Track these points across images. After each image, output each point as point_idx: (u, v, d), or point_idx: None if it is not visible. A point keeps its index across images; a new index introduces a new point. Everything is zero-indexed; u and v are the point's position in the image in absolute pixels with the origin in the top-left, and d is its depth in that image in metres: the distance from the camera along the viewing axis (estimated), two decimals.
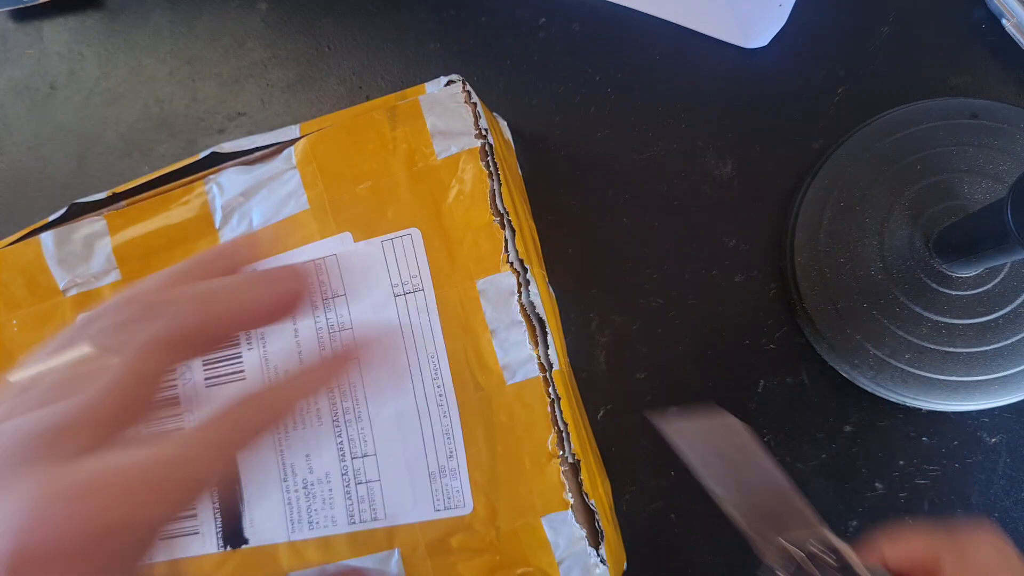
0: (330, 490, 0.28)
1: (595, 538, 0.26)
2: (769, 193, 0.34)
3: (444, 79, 0.30)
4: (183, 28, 0.41)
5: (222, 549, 0.29)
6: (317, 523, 0.28)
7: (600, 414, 0.34)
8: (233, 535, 0.29)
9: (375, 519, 0.28)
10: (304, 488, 0.29)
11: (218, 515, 0.29)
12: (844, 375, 0.32)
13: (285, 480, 0.29)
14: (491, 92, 0.37)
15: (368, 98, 0.39)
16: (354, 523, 0.28)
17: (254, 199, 0.31)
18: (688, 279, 0.34)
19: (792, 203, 0.33)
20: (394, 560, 0.27)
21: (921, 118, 0.32)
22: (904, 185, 0.31)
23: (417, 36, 0.38)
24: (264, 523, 0.29)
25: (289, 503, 0.29)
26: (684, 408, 0.33)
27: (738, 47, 0.35)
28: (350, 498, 0.28)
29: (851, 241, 0.31)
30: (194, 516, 0.29)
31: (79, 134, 0.41)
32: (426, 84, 0.31)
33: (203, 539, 0.29)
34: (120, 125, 0.41)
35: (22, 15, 0.43)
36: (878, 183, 0.31)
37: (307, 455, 0.29)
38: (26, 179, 0.42)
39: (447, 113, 0.29)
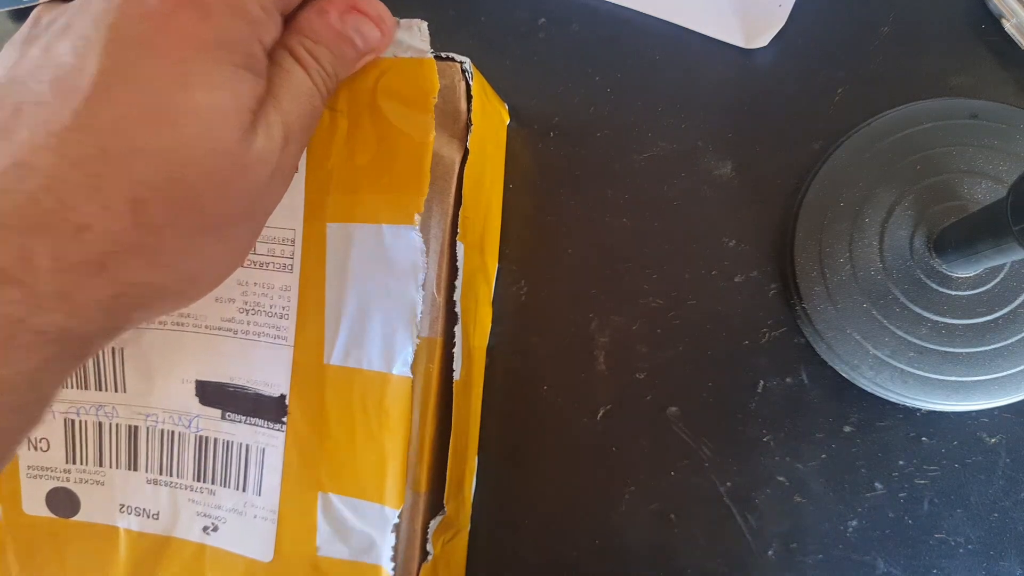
0: None
1: None
2: (769, 193, 0.34)
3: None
4: None
5: None
6: None
7: (600, 415, 0.34)
8: None
9: None
10: None
11: None
12: (844, 375, 0.32)
13: None
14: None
15: None
16: None
17: None
18: (688, 279, 0.34)
19: (792, 203, 0.33)
20: None
21: (921, 118, 0.32)
22: (904, 185, 0.31)
23: None
24: None
25: None
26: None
27: (738, 47, 0.35)
28: None
29: (851, 241, 0.31)
30: None
31: None
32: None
33: None
34: None
35: (22, 15, 0.43)
36: (878, 183, 0.31)
37: None
38: None
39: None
